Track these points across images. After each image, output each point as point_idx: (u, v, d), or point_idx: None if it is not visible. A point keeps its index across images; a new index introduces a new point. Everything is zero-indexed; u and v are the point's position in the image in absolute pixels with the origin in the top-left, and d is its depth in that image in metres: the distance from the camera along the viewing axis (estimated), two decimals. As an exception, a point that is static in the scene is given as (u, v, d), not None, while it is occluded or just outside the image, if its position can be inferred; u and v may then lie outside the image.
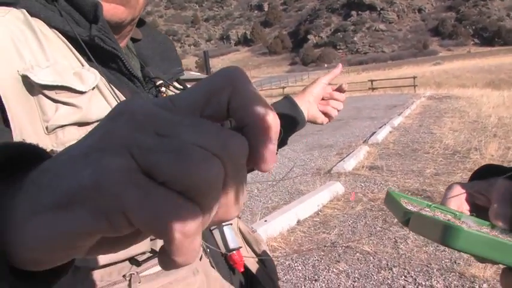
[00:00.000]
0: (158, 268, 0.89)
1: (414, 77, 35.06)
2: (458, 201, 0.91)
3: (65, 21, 0.93)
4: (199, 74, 48.47)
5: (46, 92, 0.84)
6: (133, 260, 0.86)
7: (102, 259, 0.82)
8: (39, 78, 0.82)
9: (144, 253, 0.88)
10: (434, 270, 4.66)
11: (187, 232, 0.35)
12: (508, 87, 30.50)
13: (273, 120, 0.40)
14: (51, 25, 0.92)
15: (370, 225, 6.12)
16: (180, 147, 0.36)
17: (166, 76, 1.18)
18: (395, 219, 4.75)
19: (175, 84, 1.21)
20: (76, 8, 0.95)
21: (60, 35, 0.93)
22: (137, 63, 1.15)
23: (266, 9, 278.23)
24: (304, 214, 6.60)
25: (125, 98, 0.94)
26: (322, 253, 5.37)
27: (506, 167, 0.98)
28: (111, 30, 1.00)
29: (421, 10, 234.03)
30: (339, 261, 5.09)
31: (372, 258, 5.10)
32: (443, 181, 7.64)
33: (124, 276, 0.85)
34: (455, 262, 4.79)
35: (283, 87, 52.53)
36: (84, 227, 0.36)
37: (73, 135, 0.84)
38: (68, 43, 0.93)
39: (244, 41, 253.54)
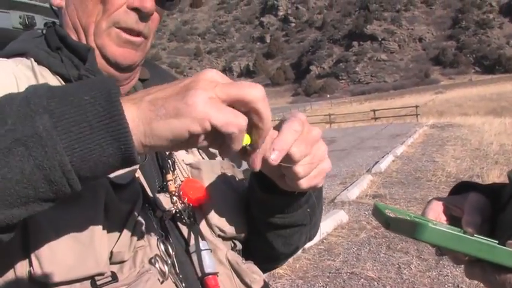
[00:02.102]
0: None
1: (416, 106, 35.26)
2: (436, 213, 1.08)
3: (63, 65, 1.08)
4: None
5: None
6: (93, 282, 0.90)
7: (66, 276, 0.87)
8: None
9: (103, 274, 0.90)
10: (437, 295, 4.76)
11: (241, 128, 0.70)
12: (510, 115, 30.60)
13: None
14: (52, 70, 1.09)
15: (374, 251, 6.22)
16: (239, 84, 0.73)
17: None
18: (399, 246, 4.90)
19: None
20: (75, 54, 1.10)
21: (60, 78, 1.09)
22: None
23: (268, 41, 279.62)
24: (309, 242, 6.69)
25: None
26: (327, 279, 5.48)
27: (479, 184, 1.15)
28: (123, 71, 1.15)
29: (422, 39, 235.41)
30: (344, 287, 5.19)
31: (376, 283, 5.20)
32: (445, 208, 7.73)
33: None
34: (458, 286, 4.88)
35: (286, 118, 52.61)
36: (187, 127, 0.68)
37: None
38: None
39: (247, 73, 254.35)
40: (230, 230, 1.15)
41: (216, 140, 0.73)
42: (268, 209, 1.13)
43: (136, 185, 1.02)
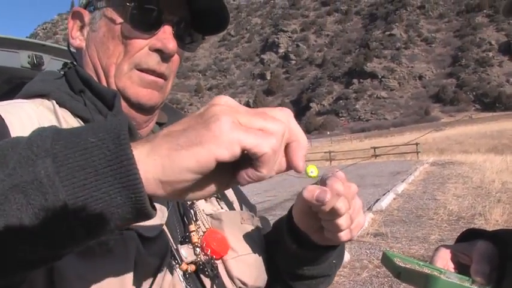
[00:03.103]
0: None
1: (417, 144, 35.26)
2: (444, 261, 1.08)
3: (87, 110, 1.05)
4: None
5: None
6: None
7: None
8: None
9: None
10: (442, 336, 4.69)
11: (274, 147, 0.62)
12: (511, 152, 30.61)
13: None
14: (74, 113, 1.05)
15: (376, 292, 6.16)
16: (260, 112, 0.64)
17: None
18: (402, 285, 4.85)
19: None
20: (99, 98, 1.07)
21: (81, 122, 1.05)
22: None
23: (268, 77, 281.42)
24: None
25: None
26: (329, 320, 5.40)
27: (486, 231, 1.15)
28: (144, 113, 1.13)
29: (422, 77, 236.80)
30: (346, 329, 5.13)
31: (379, 325, 5.14)
32: (448, 247, 7.69)
33: None
34: (462, 328, 4.82)
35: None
36: (214, 154, 0.59)
37: None
38: None
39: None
40: (251, 282, 1.12)
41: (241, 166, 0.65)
42: (299, 262, 1.13)
43: (164, 238, 0.99)
